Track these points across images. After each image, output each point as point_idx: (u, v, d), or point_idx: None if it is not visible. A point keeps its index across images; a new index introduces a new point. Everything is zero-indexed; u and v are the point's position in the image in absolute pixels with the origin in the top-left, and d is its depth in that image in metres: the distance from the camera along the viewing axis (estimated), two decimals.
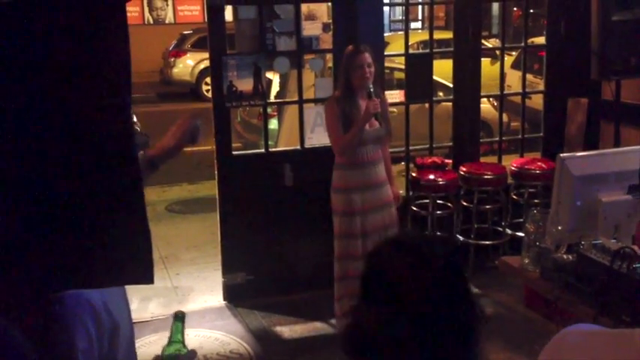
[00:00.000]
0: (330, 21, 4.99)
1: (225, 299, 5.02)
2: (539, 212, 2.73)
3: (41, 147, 1.16)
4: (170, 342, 1.58)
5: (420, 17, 18.58)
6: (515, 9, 14.97)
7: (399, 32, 10.59)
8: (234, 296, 4.98)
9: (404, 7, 5.59)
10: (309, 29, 4.94)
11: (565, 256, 2.54)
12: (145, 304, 5.04)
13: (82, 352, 1.53)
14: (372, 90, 4.04)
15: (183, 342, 1.59)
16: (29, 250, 1.17)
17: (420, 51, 8.35)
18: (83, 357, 1.53)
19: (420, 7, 15.81)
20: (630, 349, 0.93)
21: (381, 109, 4.18)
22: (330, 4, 4.99)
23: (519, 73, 6.08)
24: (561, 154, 2.69)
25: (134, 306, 5.01)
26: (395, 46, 7.36)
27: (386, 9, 15.15)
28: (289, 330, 4.61)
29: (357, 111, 4.12)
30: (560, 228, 2.60)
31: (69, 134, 1.15)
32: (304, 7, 4.90)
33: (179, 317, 1.60)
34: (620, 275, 2.17)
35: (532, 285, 2.65)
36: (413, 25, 15.41)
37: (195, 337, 4.48)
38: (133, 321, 4.81)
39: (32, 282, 1.20)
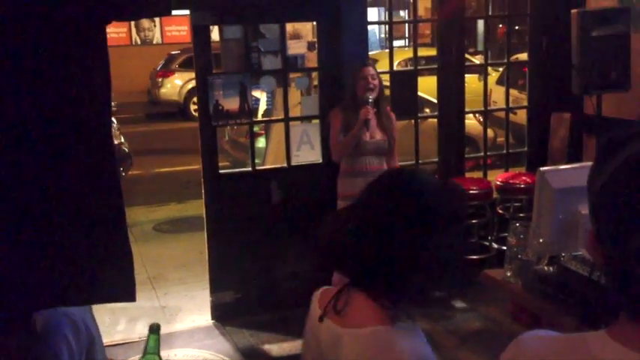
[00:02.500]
0: (315, 40, 5.05)
1: (213, 318, 5.01)
2: (521, 225, 2.76)
3: (22, 166, 1.19)
4: (145, 353, 1.61)
5: (406, 35, 18.75)
6: (500, 25, 15.16)
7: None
8: (223, 315, 4.98)
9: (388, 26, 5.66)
10: (295, 48, 4.99)
11: (546, 268, 2.57)
12: (132, 324, 5.02)
13: None
14: (370, 100, 4.33)
15: (158, 353, 1.61)
16: (11, 270, 1.19)
17: (405, 68, 8.42)
18: None
19: (406, 25, 15.98)
20: (583, 354, 0.96)
21: (385, 123, 4.47)
22: (314, 23, 5.06)
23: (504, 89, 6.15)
24: (541, 168, 2.73)
25: (121, 327, 5.02)
26: (384, 63, 7.32)
27: (376, 27, 15.35)
28: (278, 348, 4.60)
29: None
30: (541, 240, 2.63)
31: (49, 152, 1.18)
32: (289, 27, 4.95)
33: (154, 329, 1.63)
34: (599, 286, 2.21)
35: (514, 297, 2.68)
36: (399, 42, 15.55)
37: (183, 356, 4.47)
38: (121, 342, 4.80)
39: (15, 301, 1.21)
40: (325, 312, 1.46)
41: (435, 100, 5.84)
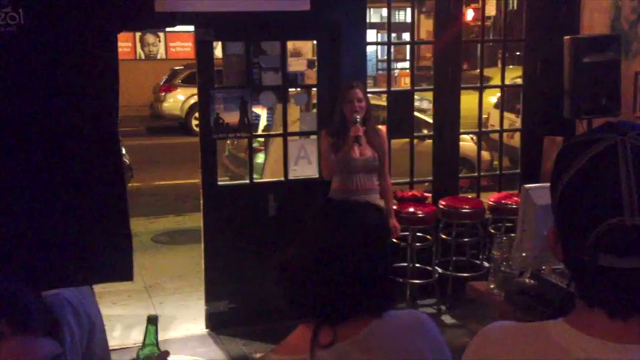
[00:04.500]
0: (315, 58, 5.19)
1: (207, 327, 5.10)
2: (506, 239, 2.87)
3: (37, 159, 1.30)
4: (144, 345, 1.67)
5: (407, 57, 18.94)
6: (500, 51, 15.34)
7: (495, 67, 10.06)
8: (217, 324, 5.06)
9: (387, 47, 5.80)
10: (295, 65, 5.14)
11: (527, 281, 2.67)
12: (127, 331, 5.11)
13: (68, 348, 1.64)
14: (357, 120, 4.42)
15: (156, 344, 1.68)
16: (18, 252, 1.29)
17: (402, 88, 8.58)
18: (69, 353, 1.63)
19: (408, 46, 16.15)
20: (544, 341, 1.05)
21: (375, 140, 4.54)
22: (315, 42, 5.20)
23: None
24: (525, 185, 2.85)
25: (117, 333, 5.10)
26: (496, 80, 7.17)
27: (374, 49, 15.52)
28: None
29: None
30: (524, 254, 2.74)
31: (62, 148, 1.29)
32: (290, 44, 5.11)
33: (152, 321, 1.68)
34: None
35: (497, 308, 2.78)
36: (401, 64, 15.71)
37: None
38: (117, 347, 4.89)
39: (23, 282, 1.32)
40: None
41: (430, 120, 5.98)
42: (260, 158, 6.83)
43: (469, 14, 12.24)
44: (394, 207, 5.35)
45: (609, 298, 1.01)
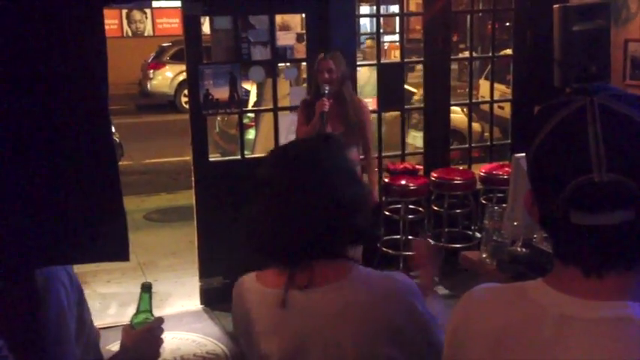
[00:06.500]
0: (304, 31, 5.15)
1: (202, 303, 5.12)
2: (497, 208, 2.88)
3: (24, 138, 1.29)
4: (138, 311, 1.65)
5: (397, 30, 18.79)
6: (490, 22, 15.27)
7: None
8: (211, 300, 5.08)
9: (376, 19, 5.76)
10: (284, 39, 5.10)
11: (519, 249, 2.70)
12: (123, 309, 5.12)
13: (66, 310, 1.62)
14: (325, 91, 4.32)
15: (150, 310, 1.66)
16: (11, 229, 1.28)
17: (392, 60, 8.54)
18: (68, 315, 1.62)
19: (397, 18, 16.00)
20: (523, 299, 1.09)
21: (351, 114, 4.41)
22: (303, 15, 5.16)
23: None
24: (516, 154, 2.85)
25: (112, 311, 5.12)
26: None
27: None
28: None
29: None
30: (515, 223, 2.76)
31: (48, 126, 1.28)
32: (278, 18, 5.06)
33: (146, 287, 1.67)
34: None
35: (489, 277, 2.80)
36: (388, 37, 15.58)
37: (172, 339, 4.57)
38: (112, 325, 4.90)
39: (15, 260, 1.31)
40: (285, 299, 1.52)
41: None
42: (251, 134, 6.80)
43: None
44: (386, 180, 5.37)
45: (583, 255, 1.03)
